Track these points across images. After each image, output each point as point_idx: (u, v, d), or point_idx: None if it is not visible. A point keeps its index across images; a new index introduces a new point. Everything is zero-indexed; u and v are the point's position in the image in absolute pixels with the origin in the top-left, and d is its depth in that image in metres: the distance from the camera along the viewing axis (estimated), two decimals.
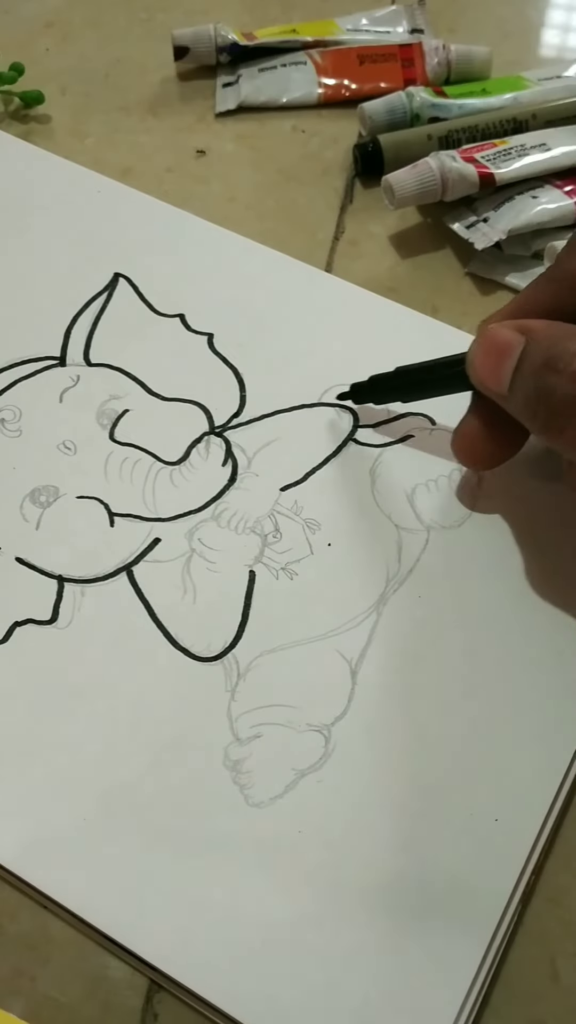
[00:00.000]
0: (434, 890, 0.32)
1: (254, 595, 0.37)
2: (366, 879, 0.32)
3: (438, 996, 0.30)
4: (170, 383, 0.42)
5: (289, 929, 0.31)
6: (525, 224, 0.45)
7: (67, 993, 0.31)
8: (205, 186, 0.50)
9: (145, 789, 0.33)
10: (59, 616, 0.36)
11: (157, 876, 0.32)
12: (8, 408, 0.41)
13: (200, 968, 0.30)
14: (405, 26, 0.56)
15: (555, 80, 0.52)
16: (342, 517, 0.38)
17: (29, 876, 0.32)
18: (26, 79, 0.52)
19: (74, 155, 0.49)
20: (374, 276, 0.46)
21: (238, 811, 0.33)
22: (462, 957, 0.31)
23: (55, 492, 0.39)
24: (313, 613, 0.36)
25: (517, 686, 0.35)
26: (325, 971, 0.30)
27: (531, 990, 0.31)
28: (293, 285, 0.45)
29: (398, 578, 0.37)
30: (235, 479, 0.39)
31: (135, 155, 0.51)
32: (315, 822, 0.33)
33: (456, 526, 0.38)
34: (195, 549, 0.38)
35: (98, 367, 0.42)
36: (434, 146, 0.49)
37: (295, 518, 0.38)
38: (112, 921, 0.31)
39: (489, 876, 0.32)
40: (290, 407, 0.41)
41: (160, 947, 0.31)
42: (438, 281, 0.47)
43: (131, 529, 0.38)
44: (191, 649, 0.36)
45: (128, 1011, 0.31)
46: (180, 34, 0.53)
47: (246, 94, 0.53)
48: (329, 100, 0.53)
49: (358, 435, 0.40)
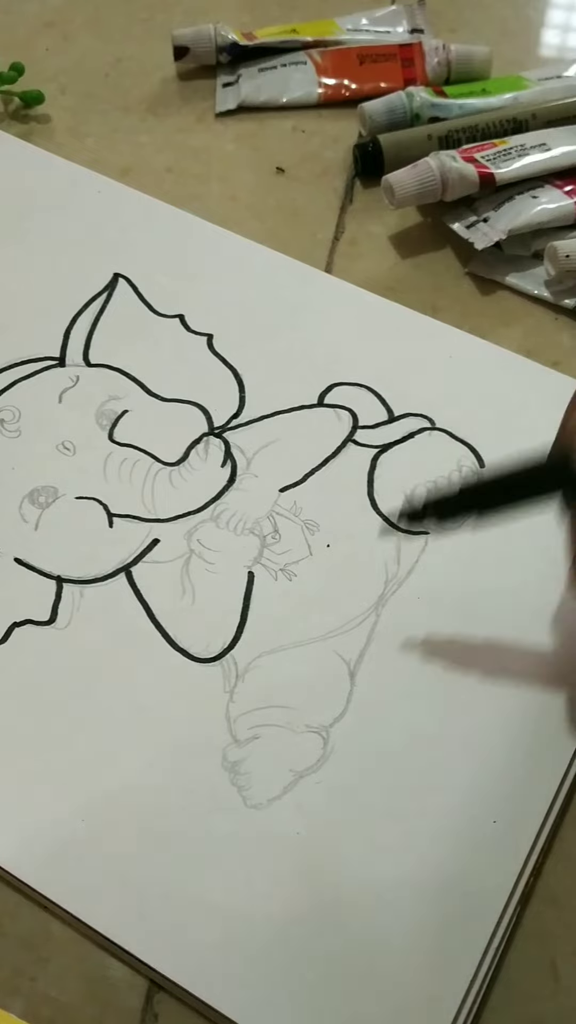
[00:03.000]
0: (433, 891, 0.32)
1: (253, 596, 0.37)
2: (365, 880, 0.32)
3: (438, 996, 0.30)
4: (169, 384, 0.42)
5: (287, 930, 0.31)
6: (525, 224, 0.45)
7: (67, 993, 0.31)
8: (205, 186, 0.50)
9: (143, 790, 0.33)
10: (58, 617, 0.36)
11: (156, 877, 0.32)
12: (7, 408, 0.41)
13: (198, 969, 0.30)
14: (405, 26, 0.56)
15: (555, 80, 0.52)
16: (341, 518, 0.38)
17: (28, 877, 0.32)
18: (26, 79, 0.52)
19: (74, 155, 0.49)
20: (374, 276, 0.46)
21: (237, 812, 0.33)
22: (461, 957, 0.31)
23: (54, 493, 0.39)
24: (312, 614, 0.36)
25: (516, 687, 0.35)
26: (323, 972, 0.30)
27: (531, 990, 0.31)
28: (293, 285, 0.45)
29: (397, 579, 0.37)
30: (234, 480, 0.39)
31: (135, 155, 0.51)
32: (314, 823, 0.33)
33: (455, 528, 0.38)
34: (194, 550, 0.38)
35: (97, 368, 0.42)
36: (434, 146, 0.49)
37: (294, 519, 0.38)
38: (111, 922, 0.31)
39: (488, 876, 0.32)
40: (289, 408, 0.41)
41: (158, 948, 0.31)
42: (438, 281, 0.47)
43: (130, 530, 0.38)
44: (190, 650, 0.36)
45: (128, 1011, 0.31)
46: (180, 34, 0.53)
47: (246, 94, 0.53)
48: (329, 100, 0.53)
49: (357, 436, 0.40)
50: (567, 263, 0.44)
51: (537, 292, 0.46)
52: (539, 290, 0.46)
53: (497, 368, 0.42)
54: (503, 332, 0.44)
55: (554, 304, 0.46)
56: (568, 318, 0.45)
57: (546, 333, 0.45)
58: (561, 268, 0.44)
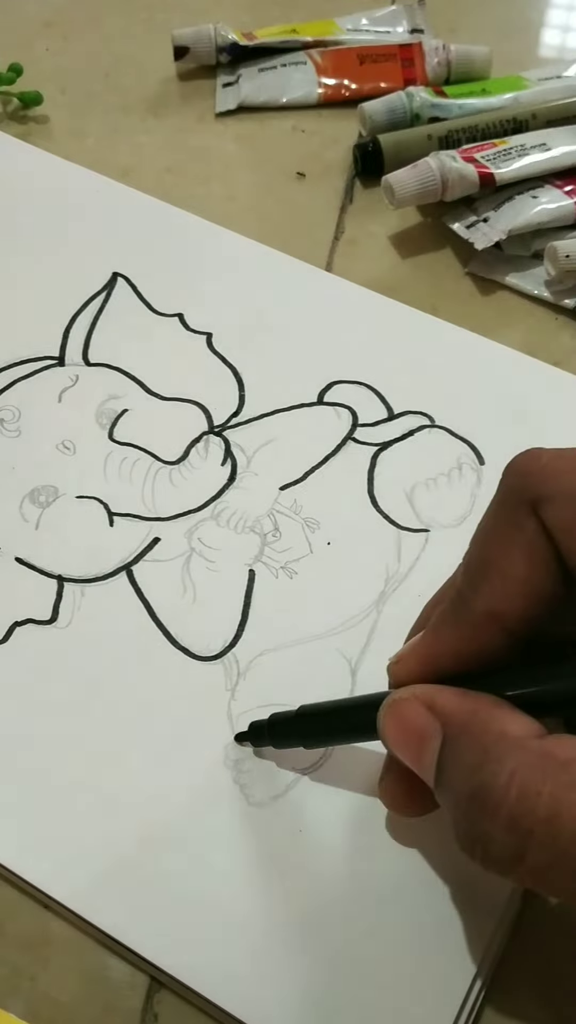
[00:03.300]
0: (434, 889, 0.31)
1: (254, 594, 0.37)
2: (365, 878, 0.32)
3: (438, 995, 0.30)
4: (169, 383, 0.42)
5: (289, 928, 0.31)
6: (525, 224, 0.45)
7: (67, 993, 0.31)
8: (205, 186, 0.50)
9: (145, 788, 0.33)
10: (59, 616, 0.36)
11: (157, 875, 0.32)
12: (7, 408, 0.41)
13: (200, 966, 0.30)
14: (405, 26, 0.56)
15: (555, 80, 0.52)
16: (341, 516, 0.38)
17: (29, 875, 0.32)
18: (26, 79, 0.52)
19: (74, 155, 0.49)
20: (374, 276, 0.46)
21: (239, 810, 0.33)
22: (462, 956, 0.31)
23: (54, 492, 0.39)
24: (313, 612, 0.36)
25: None
26: (325, 969, 0.30)
27: (531, 990, 0.31)
28: (293, 285, 0.45)
29: (398, 577, 0.37)
30: (234, 478, 0.39)
31: (135, 155, 0.51)
32: (315, 821, 0.32)
33: (455, 525, 0.38)
34: (194, 548, 0.38)
35: (97, 367, 0.42)
36: (434, 146, 0.49)
37: (294, 517, 0.38)
38: (112, 920, 0.31)
39: (489, 875, 0.32)
40: (289, 406, 0.41)
41: (160, 945, 0.31)
42: (438, 281, 0.47)
43: (130, 529, 0.38)
44: (191, 648, 0.36)
45: (128, 1011, 0.31)
46: (180, 34, 0.53)
47: (246, 94, 0.53)
48: (329, 100, 0.53)
49: (357, 434, 0.40)
50: (567, 263, 0.44)
51: (537, 292, 0.46)
52: (539, 290, 0.46)
53: (497, 365, 0.42)
54: (503, 332, 0.44)
55: (554, 304, 0.46)
56: (568, 318, 0.45)
57: (546, 333, 0.45)
58: (561, 268, 0.44)
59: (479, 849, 0.24)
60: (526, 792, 0.23)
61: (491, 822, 0.23)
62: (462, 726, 0.25)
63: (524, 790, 0.23)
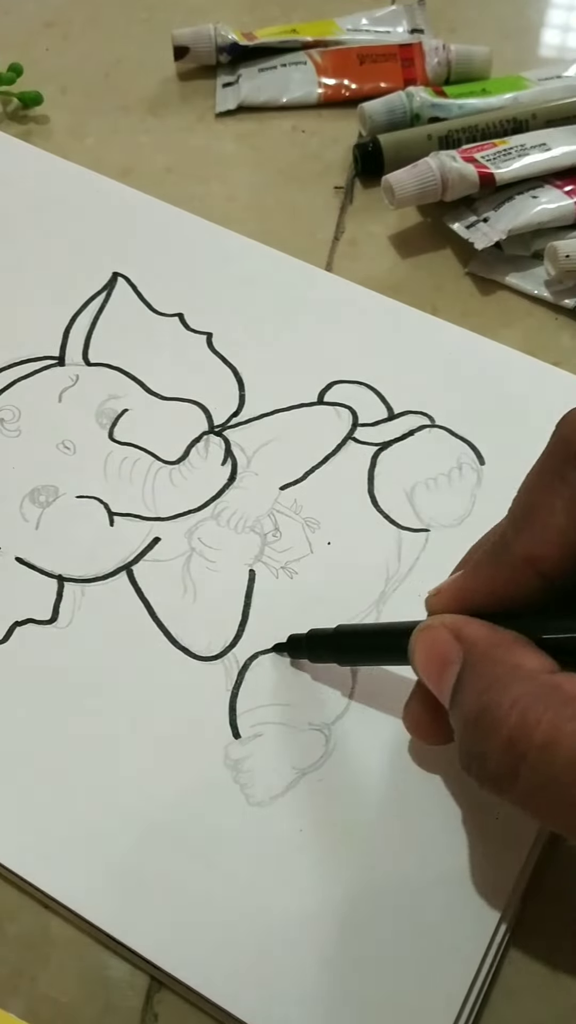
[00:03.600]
0: (434, 889, 0.31)
1: (254, 594, 0.37)
2: (366, 878, 0.32)
3: (438, 994, 0.30)
4: (169, 382, 0.42)
5: (289, 927, 0.31)
6: (525, 224, 0.45)
7: (67, 993, 0.31)
8: (205, 186, 0.50)
9: (145, 788, 0.33)
10: (59, 616, 0.36)
11: (158, 875, 0.32)
12: (7, 408, 0.41)
13: (200, 965, 0.30)
14: (405, 26, 0.56)
15: (555, 80, 0.52)
16: (342, 516, 0.38)
17: (29, 875, 0.32)
18: (26, 79, 0.52)
19: (73, 155, 0.49)
20: (374, 276, 0.46)
21: (239, 810, 0.33)
22: (462, 956, 0.31)
23: (55, 492, 0.39)
24: (313, 612, 0.36)
25: None
26: (325, 969, 0.30)
27: (531, 990, 0.31)
28: (292, 282, 0.45)
29: (398, 577, 0.37)
30: (234, 478, 0.39)
31: (135, 155, 0.51)
32: (316, 821, 0.32)
33: (456, 525, 0.38)
34: (195, 548, 0.38)
35: (97, 367, 0.42)
36: (434, 146, 0.49)
37: (295, 517, 0.38)
38: (113, 919, 0.31)
39: (489, 874, 0.32)
40: (289, 406, 0.41)
41: (160, 944, 0.31)
42: (438, 281, 0.47)
43: (131, 528, 0.38)
44: (191, 648, 0.36)
45: (128, 1011, 0.31)
46: (180, 34, 0.53)
47: (246, 94, 0.53)
48: (329, 100, 0.53)
49: (357, 433, 0.40)
50: (567, 263, 0.44)
51: (537, 292, 0.46)
52: (539, 290, 0.46)
53: (497, 364, 0.42)
54: (503, 332, 0.44)
55: (554, 304, 0.46)
56: (568, 318, 0.45)
57: (546, 333, 0.45)
58: (561, 268, 0.45)
59: (476, 766, 0.25)
60: (526, 718, 0.24)
61: (490, 741, 0.25)
62: (482, 654, 0.26)
63: (524, 716, 0.24)
